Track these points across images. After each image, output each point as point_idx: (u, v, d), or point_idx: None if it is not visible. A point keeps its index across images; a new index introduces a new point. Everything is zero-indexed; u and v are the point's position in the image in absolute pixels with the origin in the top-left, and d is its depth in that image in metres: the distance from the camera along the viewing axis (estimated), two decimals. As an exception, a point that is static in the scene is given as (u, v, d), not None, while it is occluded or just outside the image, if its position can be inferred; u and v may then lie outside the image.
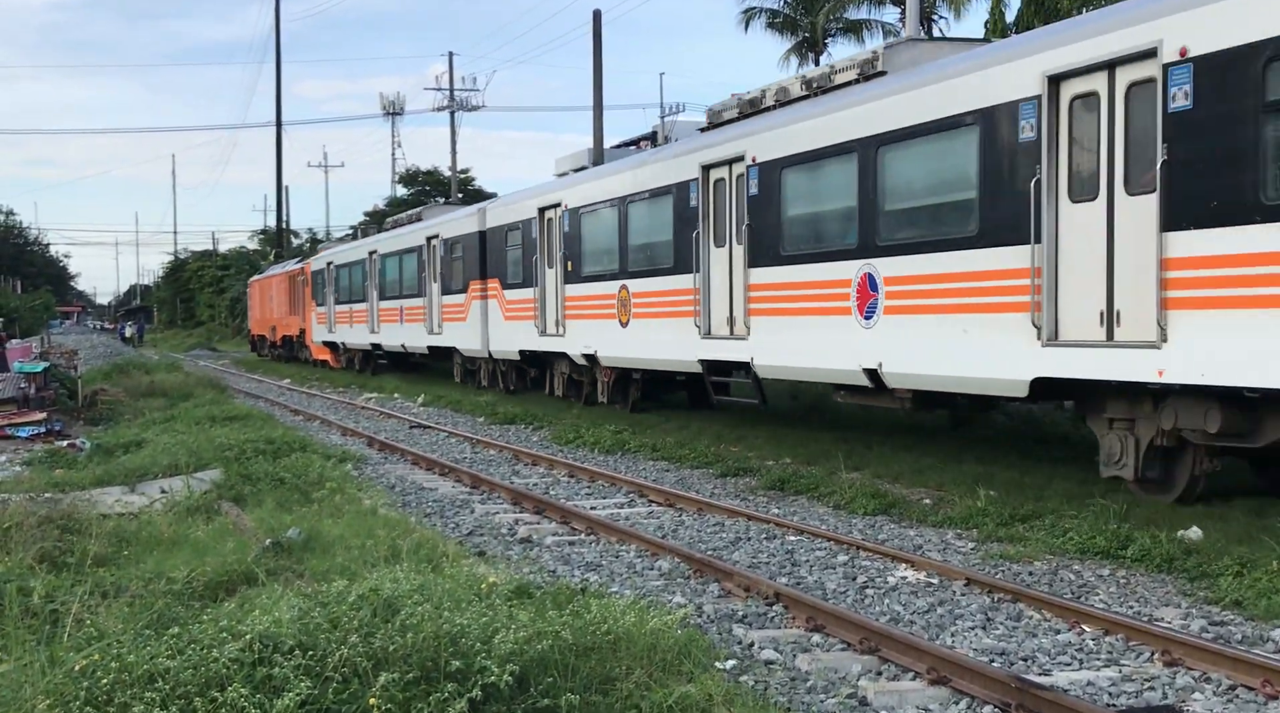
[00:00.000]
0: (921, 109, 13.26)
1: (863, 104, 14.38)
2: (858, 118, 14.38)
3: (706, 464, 16.47)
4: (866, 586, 9.62)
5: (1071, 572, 10.03)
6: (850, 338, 14.40)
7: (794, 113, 16.04)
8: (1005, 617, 8.63)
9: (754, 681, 7.14)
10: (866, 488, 13.56)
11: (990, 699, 6.72)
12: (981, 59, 12.76)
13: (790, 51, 53.21)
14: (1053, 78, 11.52)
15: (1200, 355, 10.11)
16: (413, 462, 18.00)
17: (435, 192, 72.75)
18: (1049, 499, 12.29)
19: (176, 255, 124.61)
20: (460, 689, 5.52)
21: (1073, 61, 11.32)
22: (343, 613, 6.18)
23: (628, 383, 22.39)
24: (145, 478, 14.23)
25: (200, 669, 5.54)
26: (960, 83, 12.75)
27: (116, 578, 8.43)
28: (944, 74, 13.16)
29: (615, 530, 11.75)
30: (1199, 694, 6.96)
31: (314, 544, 9.80)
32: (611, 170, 22.03)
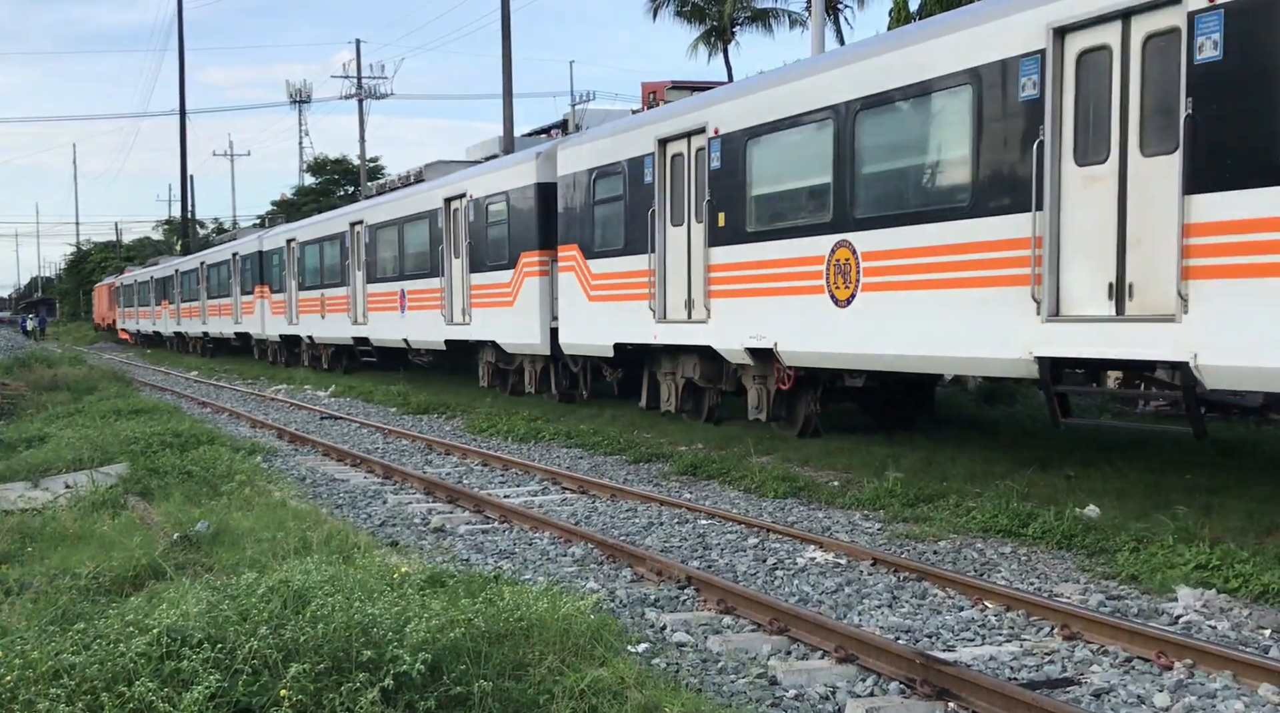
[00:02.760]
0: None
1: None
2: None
3: (619, 451, 16.53)
4: (776, 567, 9.74)
5: (975, 550, 10.24)
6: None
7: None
8: (911, 595, 8.79)
9: (666, 663, 7.20)
10: (776, 471, 13.71)
11: (896, 676, 6.84)
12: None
13: (699, 40, 53.38)
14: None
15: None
16: (324, 453, 17.83)
17: (345, 180, 71.95)
18: (953, 480, 12.53)
19: (79, 247, 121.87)
20: (372, 679, 5.50)
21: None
22: (252, 605, 6.12)
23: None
24: (49, 473, 13.96)
25: (107, 664, 5.46)
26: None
27: (20, 574, 8.29)
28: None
29: (528, 518, 11.76)
30: (1097, 667, 7.15)
31: (223, 537, 9.68)
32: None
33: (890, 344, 12.82)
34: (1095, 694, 6.66)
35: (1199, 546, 9.23)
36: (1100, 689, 6.72)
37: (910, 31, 13.26)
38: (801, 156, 14.22)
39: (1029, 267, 10.93)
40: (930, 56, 12.18)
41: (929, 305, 12.27)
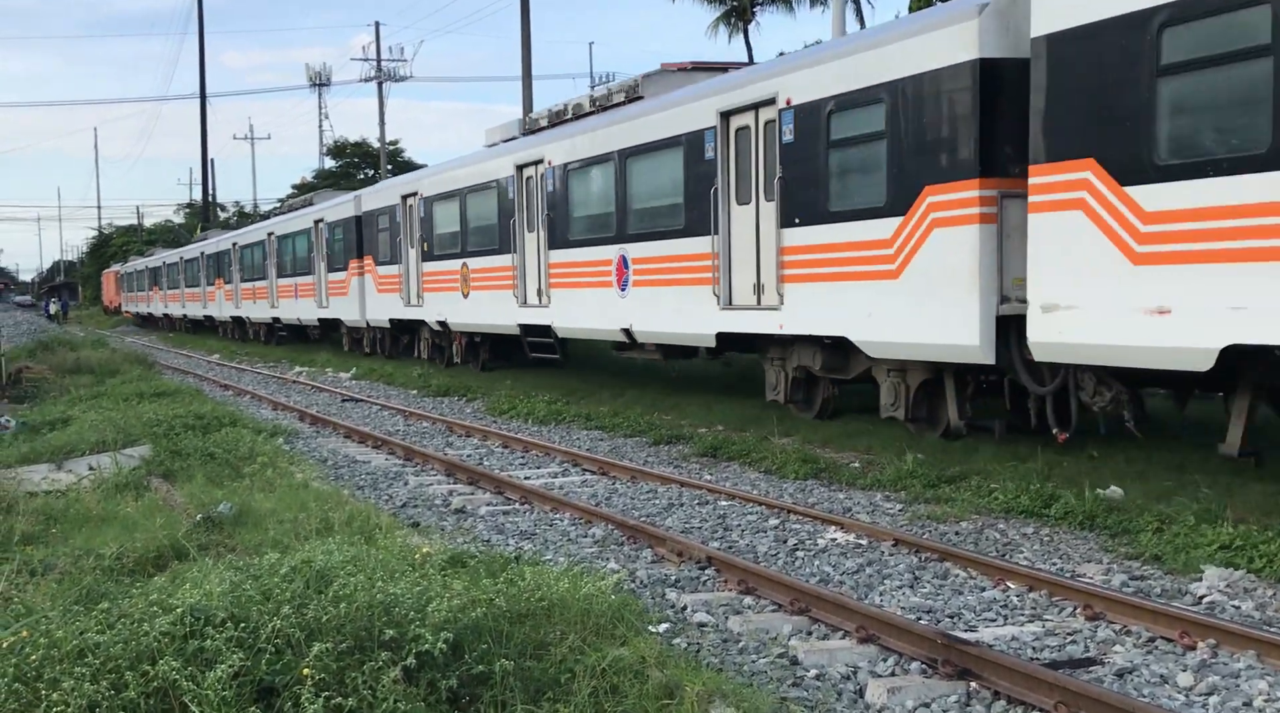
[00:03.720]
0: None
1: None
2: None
3: (640, 433, 16.54)
4: (797, 548, 9.74)
5: (997, 531, 10.22)
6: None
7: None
8: (932, 575, 8.77)
9: (687, 643, 7.22)
10: (797, 453, 13.70)
11: (917, 656, 6.84)
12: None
13: (718, 20, 53.19)
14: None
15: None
16: (345, 435, 17.89)
17: (365, 163, 72.11)
18: (975, 461, 12.49)
19: (100, 230, 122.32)
20: (394, 658, 5.52)
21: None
22: (275, 585, 6.15)
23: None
24: (73, 455, 14.05)
25: (131, 643, 5.49)
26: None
27: (45, 556, 8.34)
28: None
29: (549, 499, 11.78)
30: (1120, 647, 7.13)
31: (246, 518, 9.74)
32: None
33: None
34: (1118, 674, 6.65)
35: (1222, 526, 9.19)
36: (1123, 669, 6.70)
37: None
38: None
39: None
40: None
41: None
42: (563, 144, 19.93)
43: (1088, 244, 10.27)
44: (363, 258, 30.48)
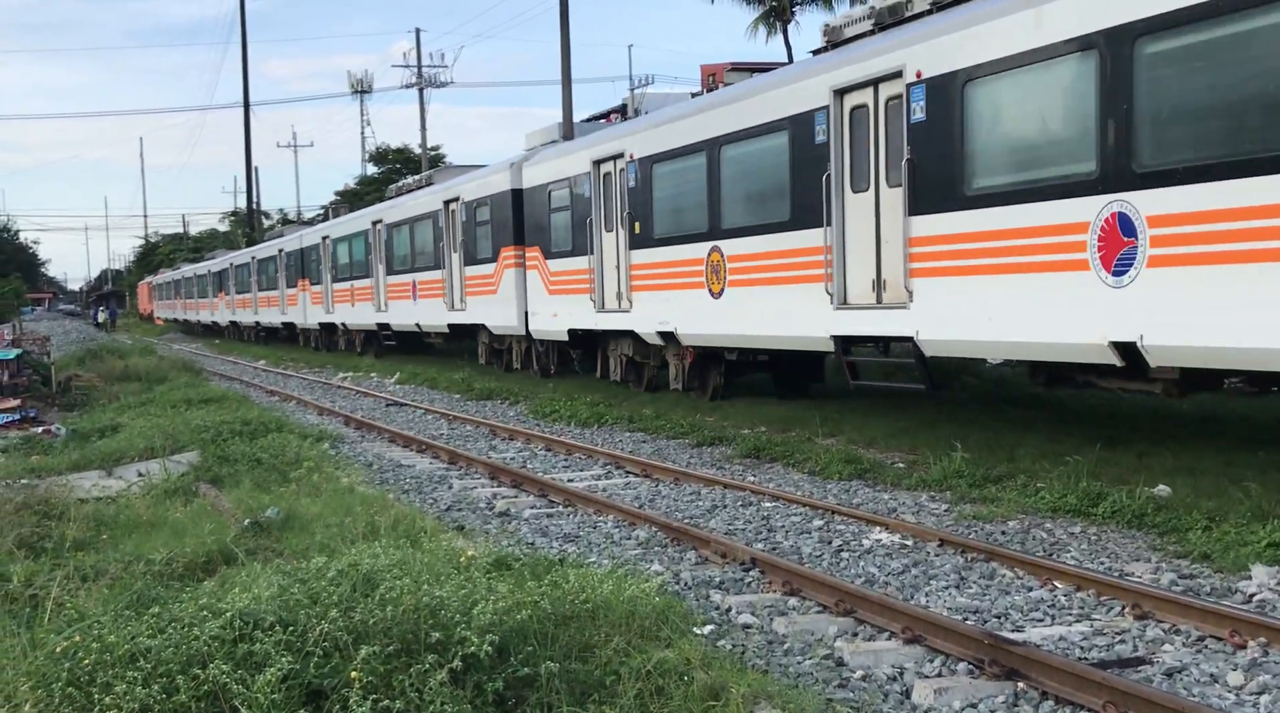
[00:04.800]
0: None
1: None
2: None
3: (682, 434, 16.54)
4: (842, 549, 9.71)
5: (1044, 530, 10.15)
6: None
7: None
8: (979, 576, 8.73)
9: (732, 644, 7.21)
10: (841, 453, 13.66)
11: (964, 656, 6.81)
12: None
13: (757, 20, 53.07)
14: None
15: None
16: (390, 439, 18.00)
17: (406, 169, 72.43)
18: (1021, 460, 12.41)
19: (147, 239, 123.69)
20: (441, 660, 5.56)
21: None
22: (322, 589, 6.21)
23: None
24: (122, 462, 14.22)
25: (181, 648, 5.56)
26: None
27: (96, 561, 8.43)
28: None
29: (593, 502, 11.81)
30: (1169, 646, 7.07)
31: (292, 523, 9.82)
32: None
33: None
34: (1167, 674, 6.59)
35: (1273, 523, 9.07)
36: (1172, 669, 6.64)
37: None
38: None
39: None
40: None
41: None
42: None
43: (536, 282, 22.85)
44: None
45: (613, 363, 21.52)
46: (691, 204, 17.50)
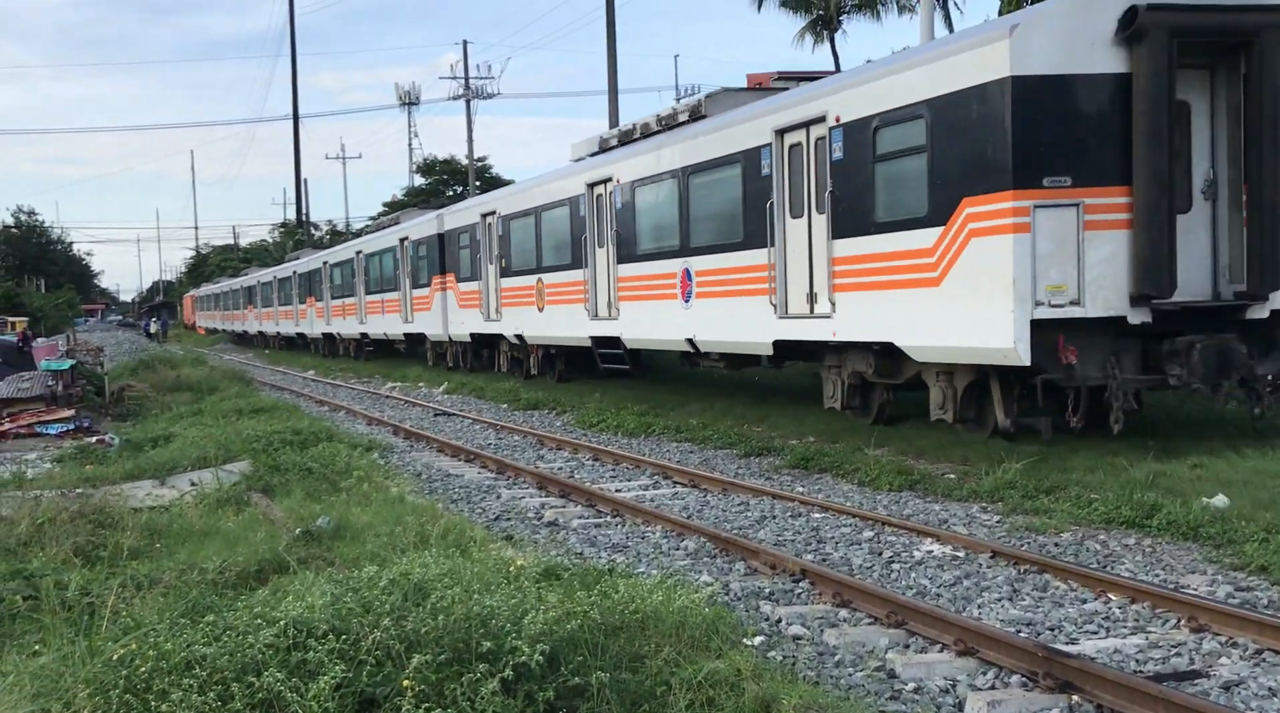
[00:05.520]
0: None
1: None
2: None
3: (730, 445, 16.52)
4: (892, 560, 9.67)
5: (1097, 542, 10.06)
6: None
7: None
8: (1031, 588, 8.66)
9: (782, 656, 7.20)
10: (891, 464, 13.60)
11: (1018, 669, 6.76)
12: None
13: (804, 30, 53.01)
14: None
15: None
16: (438, 449, 18.10)
17: (453, 180, 72.87)
18: (1073, 470, 12.30)
19: (198, 250, 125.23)
20: (492, 670, 5.59)
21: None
22: (374, 597, 6.26)
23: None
24: (175, 471, 14.38)
25: (236, 655, 5.63)
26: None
27: (150, 570, 8.53)
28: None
29: (641, 512, 11.83)
30: (1226, 659, 6.99)
31: (344, 532, 9.91)
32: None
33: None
34: (1224, 687, 6.52)
35: (1333, 536, 8.96)
36: (1230, 682, 6.57)
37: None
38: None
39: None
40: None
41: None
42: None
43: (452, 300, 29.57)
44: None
45: (502, 358, 29.53)
46: (530, 247, 25.14)
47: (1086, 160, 12.15)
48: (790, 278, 15.94)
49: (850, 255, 14.64)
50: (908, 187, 13.62)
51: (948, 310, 13.00)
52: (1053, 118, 12.01)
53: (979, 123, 12.44)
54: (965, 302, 12.72)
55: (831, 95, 14.98)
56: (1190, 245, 12.57)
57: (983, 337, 12.50)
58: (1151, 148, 11.99)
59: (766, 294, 16.33)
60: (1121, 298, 12.21)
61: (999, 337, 12.21)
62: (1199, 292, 12.70)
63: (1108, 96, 12.15)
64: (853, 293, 14.64)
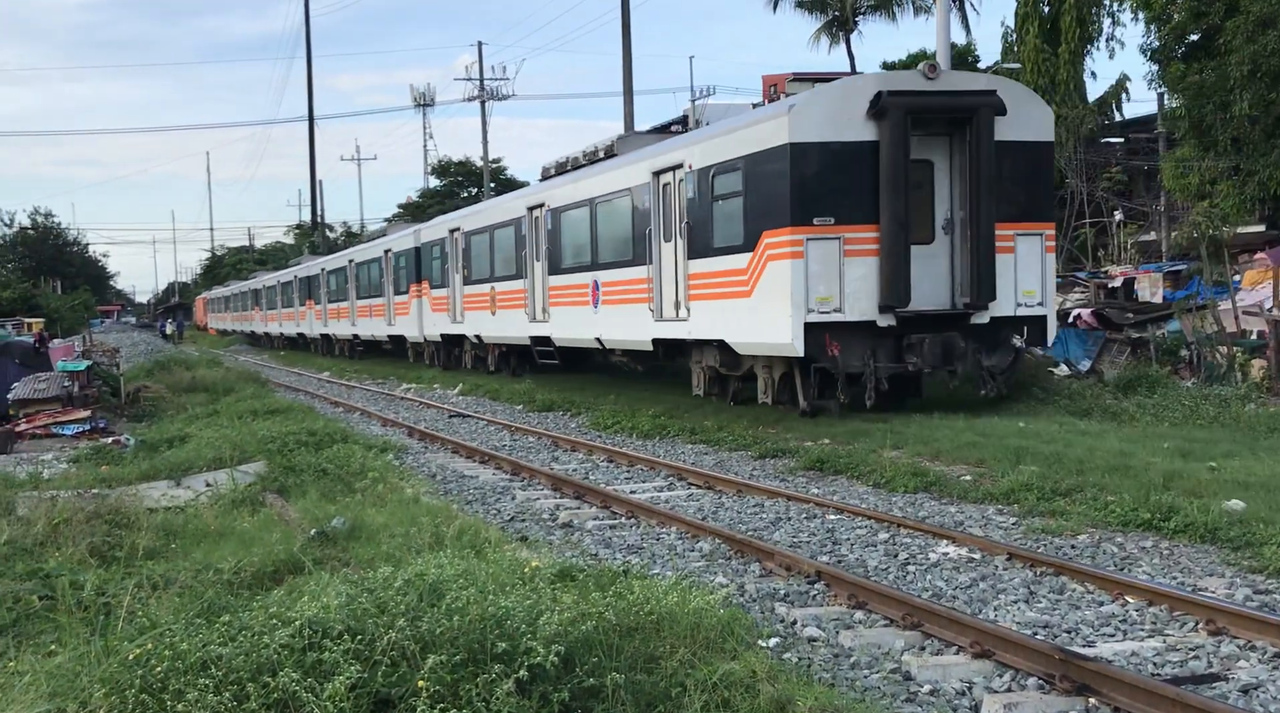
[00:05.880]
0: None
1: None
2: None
3: (744, 446, 16.50)
4: (908, 562, 9.65)
5: (1114, 544, 10.02)
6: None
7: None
8: (1048, 590, 8.64)
9: (797, 657, 7.19)
10: (906, 466, 13.57)
11: (1034, 672, 6.74)
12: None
13: (820, 31, 53.01)
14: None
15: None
16: (453, 450, 18.12)
17: (468, 182, 72.97)
18: (1089, 473, 12.26)
19: (213, 252, 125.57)
20: (507, 670, 5.59)
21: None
22: (389, 598, 6.27)
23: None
24: (190, 472, 14.42)
25: (252, 655, 5.64)
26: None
27: (166, 570, 8.57)
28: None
29: (656, 513, 11.82)
30: (1244, 663, 6.96)
31: (359, 533, 9.93)
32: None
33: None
34: (1243, 690, 6.50)
35: (1352, 539, 8.92)
36: (1248, 685, 6.54)
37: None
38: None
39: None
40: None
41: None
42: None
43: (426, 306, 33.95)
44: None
45: (465, 356, 33.39)
46: (486, 260, 29.37)
47: (846, 205, 16.26)
48: (663, 289, 20.11)
49: (699, 272, 18.83)
50: (732, 221, 17.73)
51: (755, 316, 17.11)
52: (821, 173, 16.21)
53: (772, 176, 16.64)
54: (765, 309, 16.80)
55: (686, 148, 19.42)
56: (933, 268, 16.85)
57: (774, 335, 16.64)
58: (892, 196, 16.13)
59: (647, 302, 20.58)
60: (873, 307, 16.39)
61: (783, 335, 16.40)
62: (941, 302, 16.93)
63: (861, 158, 16.27)
64: (701, 302, 18.77)
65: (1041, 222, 17.41)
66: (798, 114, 16.31)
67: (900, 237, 16.13)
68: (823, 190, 16.19)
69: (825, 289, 16.19)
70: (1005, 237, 16.86)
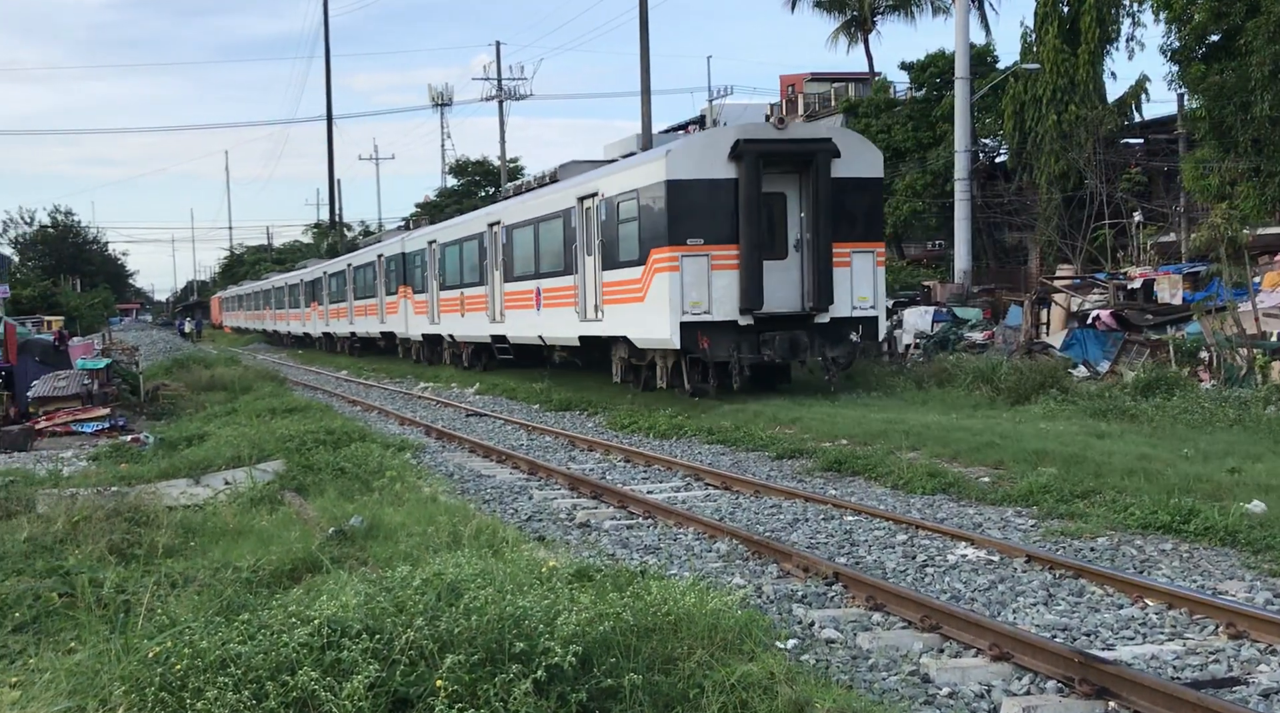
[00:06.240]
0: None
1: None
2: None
3: (762, 447, 16.49)
4: (926, 564, 9.62)
5: (1134, 547, 9.98)
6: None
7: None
8: (1067, 593, 8.60)
9: (815, 659, 7.18)
10: (924, 467, 13.53)
11: (1053, 674, 6.71)
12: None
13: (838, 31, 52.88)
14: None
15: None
16: (470, 449, 18.15)
17: (486, 181, 73.03)
18: (1108, 475, 12.22)
19: (232, 251, 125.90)
20: (525, 670, 5.59)
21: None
22: (408, 597, 6.27)
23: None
24: (209, 470, 14.45)
25: (271, 654, 5.65)
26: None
27: (185, 568, 8.59)
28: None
29: (673, 514, 11.81)
30: (1265, 666, 6.92)
31: (376, 532, 9.93)
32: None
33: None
34: (1264, 694, 6.46)
35: (1374, 543, 8.86)
36: (1269, 689, 6.51)
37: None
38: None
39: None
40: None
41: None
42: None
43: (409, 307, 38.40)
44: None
45: (445, 353, 36.72)
46: (456, 268, 33.50)
47: (712, 228, 20.28)
48: (586, 295, 24.05)
49: (609, 281, 22.88)
50: (630, 240, 21.71)
51: (647, 316, 21.17)
52: (692, 204, 20.22)
53: (657, 205, 20.73)
54: (653, 311, 20.87)
55: (600, 179, 23.67)
56: (787, 278, 20.85)
57: (660, 332, 20.77)
58: (748, 222, 20.11)
59: (574, 306, 24.59)
60: (735, 309, 20.34)
61: (665, 332, 20.56)
62: (792, 305, 20.87)
63: (725, 192, 20.27)
64: (612, 305, 22.74)
65: (873, 242, 21.45)
66: (673, 157, 20.52)
67: (755, 254, 20.10)
68: (694, 217, 20.23)
69: (697, 295, 20.20)
70: (843, 254, 20.84)
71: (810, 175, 20.55)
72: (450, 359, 36.18)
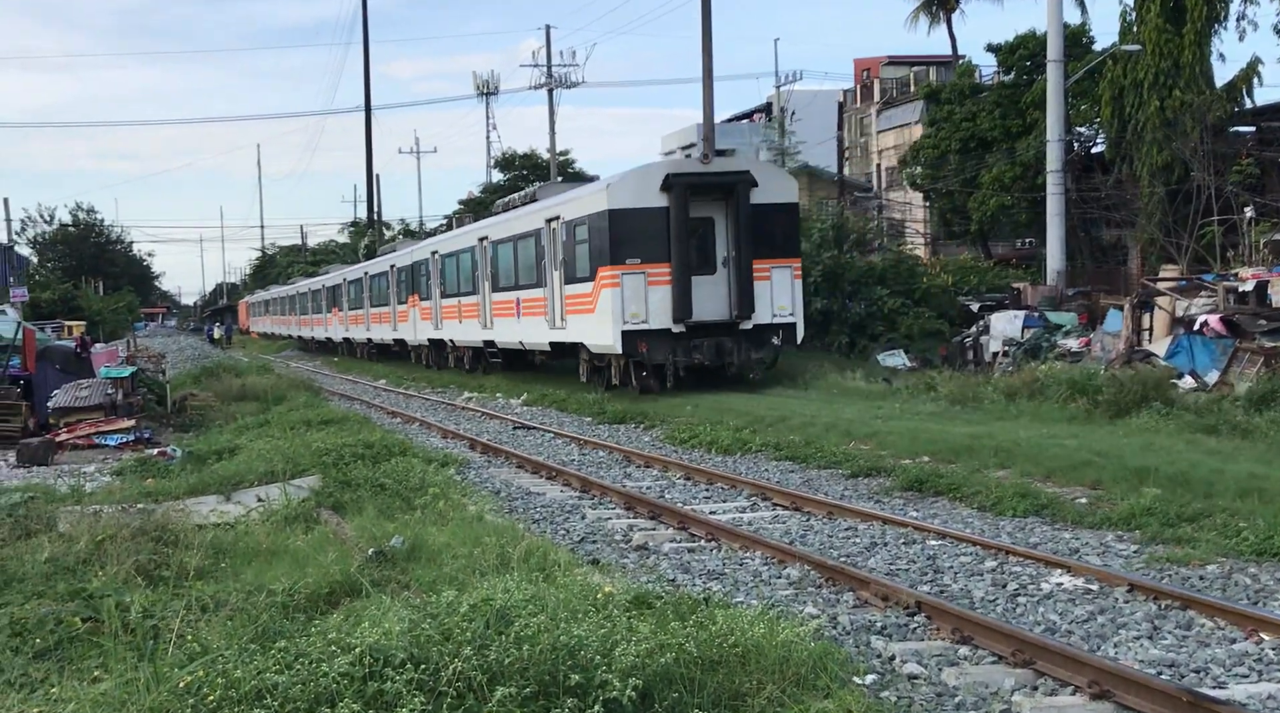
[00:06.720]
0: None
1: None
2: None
3: (835, 464, 16.43)
4: (1018, 593, 9.55)
5: (1247, 575, 9.85)
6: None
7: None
8: (1174, 625, 8.51)
9: (896, 696, 7.14)
10: (1014, 487, 13.43)
11: (1159, 715, 6.63)
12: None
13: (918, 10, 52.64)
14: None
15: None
16: (518, 465, 18.23)
17: (534, 175, 73.35)
18: (1219, 496, 12.07)
19: (264, 251, 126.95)
20: (581, 705, 5.61)
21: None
22: (454, 625, 6.31)
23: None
24: (240, 486, 14.59)
25: (310, 685, 5.70)
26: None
27: (216, 591, 8.68)
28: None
29: (738, 536, 11.80)
30: (1396, 710, 6.80)
31: (419, 553, 9.99)
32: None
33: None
34: (1396, 742, 6.34)
35: None
36: (1402, 736, 6.39)
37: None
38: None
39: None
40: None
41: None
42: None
43: (418, 315, 43.79)
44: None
45: (449, 357, 41.38)
46: (454, 278, 38.58)
47: (648, 250, 25.29)
48: (554, 306, 28.99)
49: (570, 294, 27.83)
50: (584, 259, 26.77)
51: (598, 326, 26.22)
52: (631, 228, 25.27)
53: (601, 229, 25.85)
54: (601, 321, 25.90)
55: (561, 205, 28.79)
56: (716, 291, 25.83)
57: (606, 339, 25.92)
58: (678, 245, 25.21)
59: (545, 315, 29.70)
60: (669, 319, 25.34)
61: (609, 339, 25.76)
62: (721, 315, 25.76)
63: (658, 218, 25.36)
64: (572, 315, 27.79)
65: (790, 258, 26.46)
66: (613, 189, 25.82)
67: (685, 271, 25.23)
68: (633, 241, 25.32)
69: (636, 308, 25.20)
70: (763, 269, 25.82)
71: (733, 202, 25.65)
72: (454, 362, 40.91)
